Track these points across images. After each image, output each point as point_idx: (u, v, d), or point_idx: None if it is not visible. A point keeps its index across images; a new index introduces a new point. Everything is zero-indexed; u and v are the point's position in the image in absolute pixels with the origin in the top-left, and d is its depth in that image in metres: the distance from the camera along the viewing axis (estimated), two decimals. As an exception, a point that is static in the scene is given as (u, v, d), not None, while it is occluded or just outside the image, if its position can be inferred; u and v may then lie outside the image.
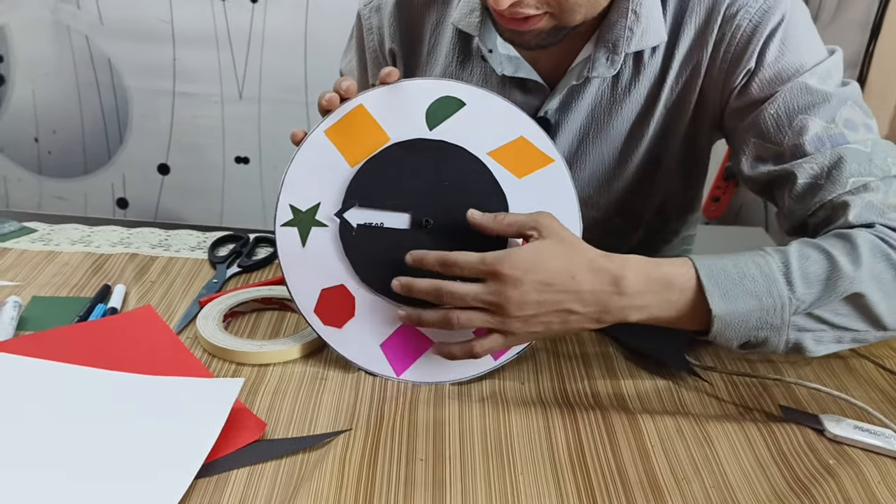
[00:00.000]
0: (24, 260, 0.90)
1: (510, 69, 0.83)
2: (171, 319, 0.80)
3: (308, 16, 1.86)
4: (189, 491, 0.57)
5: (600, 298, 0.65)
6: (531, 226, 0.67)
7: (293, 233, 0.73)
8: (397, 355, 0.73)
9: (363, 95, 0.72)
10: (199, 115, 1.97)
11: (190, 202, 2.07)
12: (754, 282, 0.66)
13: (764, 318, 0.66)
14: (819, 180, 0.75)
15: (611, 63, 0.80)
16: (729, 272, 0.66)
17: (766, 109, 0.78)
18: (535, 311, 0.65)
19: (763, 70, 0.78)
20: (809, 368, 0.77)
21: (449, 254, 0.67)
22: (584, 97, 0.84)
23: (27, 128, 2.01)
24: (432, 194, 0.72)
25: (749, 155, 0.80)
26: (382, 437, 0.64)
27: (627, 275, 0.65)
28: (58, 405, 0.63)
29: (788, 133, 0.77)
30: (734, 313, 0.66)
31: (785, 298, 0.66)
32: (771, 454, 0.64)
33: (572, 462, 0.62)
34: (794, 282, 0.66)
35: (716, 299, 0.65)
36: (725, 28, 0.79)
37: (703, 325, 0.68)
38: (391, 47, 0.92)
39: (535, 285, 0.64)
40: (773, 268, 0.67)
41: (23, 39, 1.92)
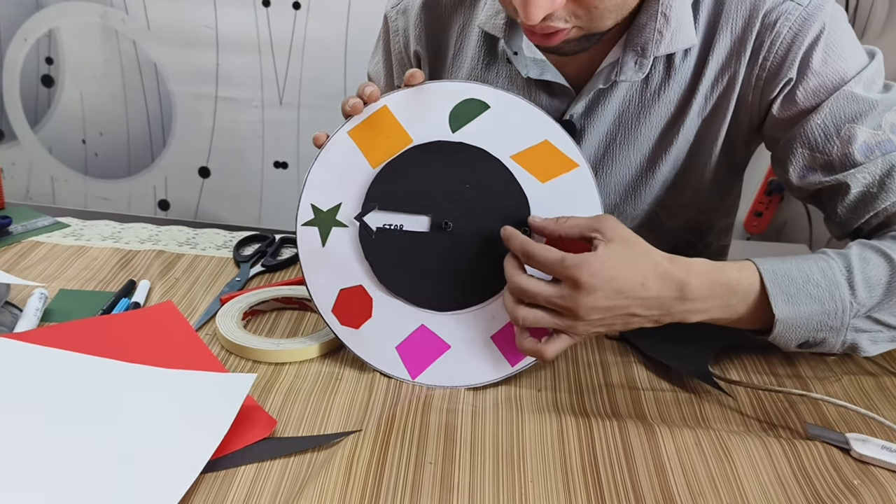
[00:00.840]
0: (55, 254, 0.92)
1: (536, 72, 0.82)
2: (193, 316, 0.81)
3: (349, 23, 1.88)
4: (195, 485, 0.57)
5: (664, 304, 0.65)
6: (594, 227, 0.66)
7: (314, 232, 0.73)
8: (413, 358, 0.73)
9: (387, 97, 0.72)
10: (240, 119, 2.00)
11: (229, 205, 2.09)
12: (818, 286, 0.67)
13: (825, 321, 0.67)
14: (871, 189, 0.75)
15: (639, 67, 0.79)
16: (793, 276, 0.67)
17: (812, 119, 0.77)
18: (602, 315, 0.65)
19: (807, 79, 0.77)
20: (839, 385, 0.74)
21: (534, 245, 0.66)
22: (612, 101, 0.83)
23: (75, 129, 2.06)
24: (453, 197, 0.72)
25: (796, 165, 0.79)
26: (392, 439, 0.63)
27: (692, 281, 0.65)
28: (70, 394, 0.64)
29: (836, 143, 0.76)
30: (797, 317, 0.67)
31: (847, 302, 0.67)
32: (792, 471, 0.61)
33: (585, 473, 0.61)
34: (856, 286, 0.67)
35: (780, 303, 0.66)
36: (764, 36, 0.77)
37: (763, 326, 0.69)
38: (416, 49, 0.92)
39: (608, 293, 0.63)
40: (835, 272, 0.67)
41: (73, 43, 1.97)
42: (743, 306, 0.67)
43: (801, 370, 0.77)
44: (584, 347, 0.79)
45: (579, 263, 0.63)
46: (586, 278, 0.63)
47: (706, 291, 0.66)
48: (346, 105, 0.71)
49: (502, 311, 0.72)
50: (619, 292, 0.64)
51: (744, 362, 0.77)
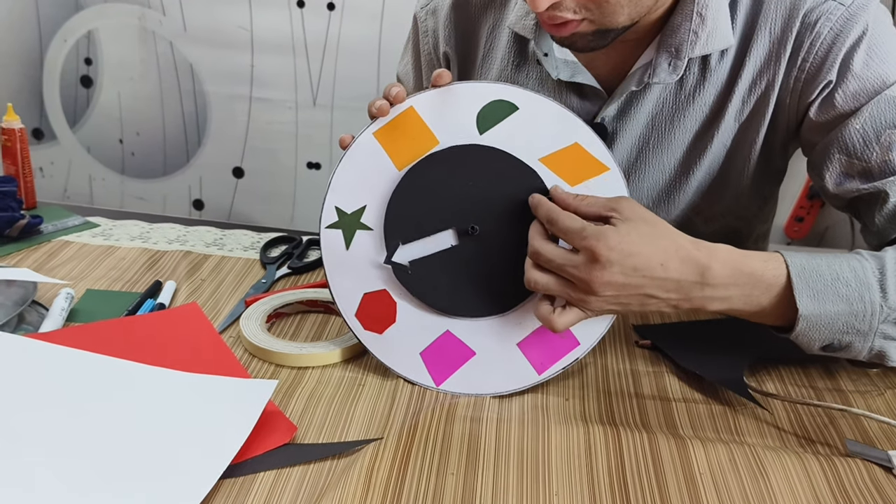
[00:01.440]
0: (84, 253, 0.92)
1: (566, 73, 0.80)
2: (217, 317, 0.80)
3: (383, 24, 1.87)
4: (213, 491, 0.56)
5: (683, 287, 0.64)
6: (612, 207, 0.65)
7: (338, 235, 0.72)
8: (438, 365, 0.71)
9: (414, 98, 0.71)
10: (274, 120, 2.00)
11: (262, 205, 2.10)
12: (847, 285, 0.64)
13: (851, 323, 0.64)
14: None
15: (673, 69, 0.76)
16: (822, 272, 0.64)
17: (850, 124, 0.73)
18: (617, 292, 0.63)
19: (847, 82, 0.74)
20: (881, 400, 0.71)
21: (557, 211, 0.65)
22: (645, 104, 0.81)
23: (112, 129, 2.08)
24: (480, 200, 0.70)
25: (833, 171, 0.76)
26: (414, 447, 0.62)
27: (714, 266, 0.63)
28: (91, 395, 0.64)
29: (876, 149, 0.72)
30: (822, 315, 0.64)
31: (877, 305, 0.63)
32: (832, 491, 0.59)
33: (612, 487, 0.59)
34: (889, 289, 0.64)
35: (805, 299, 0.63)
36: (804, 36, 0.74)
37: (786, 322, 0.66)
38: (445, 50, 0.90)
39: (625, 269, 0.62)
40: (867, 273, 0.64)
41: (111, 44, 1.99)
42: (766, 298, 0.65)
43: (841, 383, 0.73)
44: (614, 356, 0.77)
45: (598, 235, 0.62)
46: (604, 251, 0.61)
47: (728, 279, 0.64)
48: (372, 107, 0.70)
49: (529, 318, 0.71)
50: (636, 270, 0.62)
51: (781, 374, 0.75)
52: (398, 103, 0.70)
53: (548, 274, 0.65)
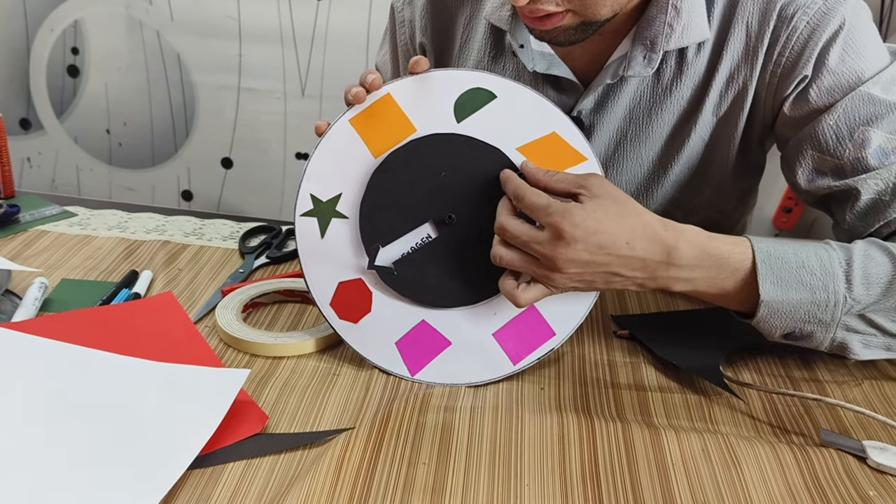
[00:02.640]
0: (60, 243, 0.91)
1: (542, 66, 0.79)
2: (194, 307, 0.80)
3: (371, 14, 1.86)
4: (181, 481, 0.56)
5: (649, 266, 0.63)
6: (581, 184, 0.64)
7: (313, 223, 0.71)
8: (413, 354, 0.71)
9: (391, 85, 0.70)
10: (262, 111, 1.99)
11: (251, 196, 2.09)
12: (811, 274, 0.63)
13: (814, 313, 0.64)
14: (884, 196, 0.71)
15: (648, 62, 0.76)
16: (788, 259, 0.64)
17: (824, 120, 0.73)
18: (581, 269, 0.63)
19: (822, 77, 0.73)
20: (858, 390, 0.71)
21: (524, 187, 0.65)
22: (622, 97, 0.80)
23: (100, 119, 2.07)
24: (457, 189, 0.69)
25: (805, 167, 0.76)
26: (387, 437, 0.61)
27: (681, 246, 0.63)
28: (59, 385, 0.63)
29: (849, 146, 0.72)
30: (784, 302, 0.63)
31: (840, 296, 0.63)
32: (804, 480, 0.58)
33: (584, 477, 0.58)
34: (854, 281, 0.63)
35: (768, 285, 0.63)
36: (780, 31, 0.74)
37: (749, 308, 0.66)
38: (422, 41, 0.89)
39: (590, 247, 0.62)
40: (834, 263, 0.64)
41: (98, 34, 1.98)
42: (730, 282, 0.65)
43: (818, 373, 0.73)
44: (592, 345, 0.76)
45: (563, 211, 0.62)
46: (568, 228, 0.61)
47: (694, 260, 0.64)
48: (348, 94, 0.69)
49: (505, 309, 0.70)
50: (601, 247, 0.62)
51: (758, 364, 0.74)
52: (374, 90, 0.69)
53: (513, 250, 0.65)
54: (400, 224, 0.70)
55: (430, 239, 0.70)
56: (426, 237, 0.70)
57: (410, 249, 0.70)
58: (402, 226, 0.70)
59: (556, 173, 0.66)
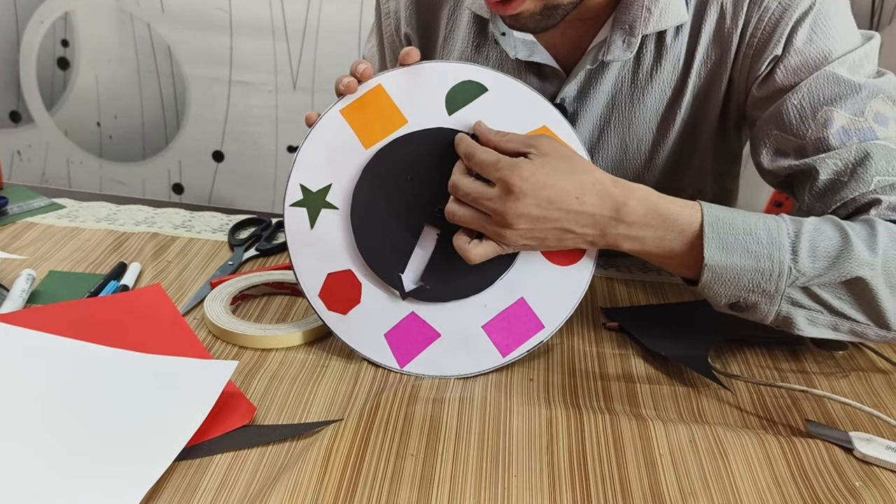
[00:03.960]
0: (49, 235, 0.91)
1: (524, 53, 0.80)
2: (182, 299, 0.79)
3: (363, 7, 1.85)
4: (168, 473, 0.56)
5: (598, 222, 0.64)
6: (530, 143, 0.65)
7: (302, 213, 0.71)
8: (402, 346, 0.70)
9: (382, 76, 0.70)
10: (254, 104, 1.98)
11: (243, 189, 2.08)
12: (758, 241, 0.63)
13: (757, 281, 0.64)
14: (842, 177, 0.70)
15: (627, 46, 0.76)
16: (736, 226, 0.64)
17: (789, 99, 0.72)
18: (532, 225, 0.63)
19: (789, 57, 0.73)
20: (846, 382, 0.71)
21: (474, 145, 0.66)
22: (604, 83, 0.80)
23: (90, 112, 2.06)
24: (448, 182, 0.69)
25: (769, 147, 0.75)
26: (375, 429, 0.61)
27: (630, 203, 0.64)
28: (46, 377, 0.63)
29: (812, 125, 0.71)
30: (727, 267, 0.63)
31: (785, 266, 0.63)
32: (791, 471, 0.59)
33: (572, 468, 0.58)
34: (800, 252, 0.63)
35: (712, 249, 0.63)
36: (752, 11, 0.74)
37: (694, 274, 0.66)
38: (406, 31, 0.89)
39: (539, 201, 0.62)
40: (782, 233, 0.64)
41: (88, 26, 1.97)
42: (678, 244, 0.65)
43: (806, 365, 0.73)
44: (581, 337, 0.76)
45: (512, 166, 0.62)
46: (517, 181, 0.62)
47: (643, 218, 0.64)
48: (339, 84, 0.69)
49: (495, 301, 0.70)
50: (550, 202, 0.62)
51: (746, 356, 0.74)
52: (366, 80, 0.69)
53: (465, 207, 0.65)
54: (390, 215, 0.70)
55: (434, 237, 0.70)
56: (435, 239, 0.70)
57: (428, 258, 0.70)
58: (391, 217, 0.70)
59: (506, 133, 0.67)
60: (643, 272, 0.90)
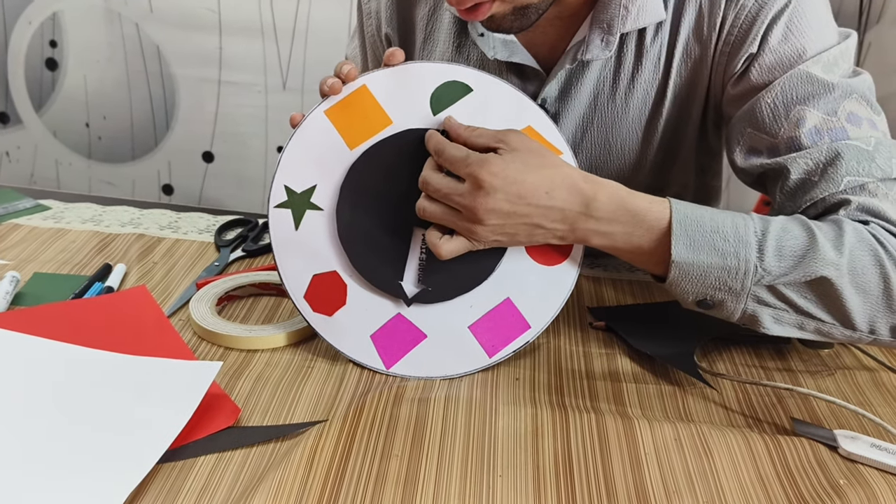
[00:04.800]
0: (34, 236, 0.90)
1: (504, 54, 0.79)
2: (168, 301, 0.79)
3: (352, 7, 1.85)
4: (151, 475, 0.55)
5: (568, 217, 0.64)
6: (500, 139, 0.65)
7: (287, 215, 0.70)
8: (388, 347, 0.70)
9: (367, 76, 0.69)
10: (244, 104, 1.98)
11: (233, 190, 2.08)
12: (725, 239, 0.63)
13: (724, 279, 0.64)
14: (812, 177, 0.70)
15: (606, 44, 0.76)
16: (703, 223, 0.64)
17: (762, 98, 0.72)
18: (502, 220, 0.64)
19: (763, 55, 0.73)
20: (831, 380, 0.71)
21: (443, 142, 0.66)
22: (585, 83, 0.80)
23: (79, 113, 2.05)
24: None
25: (743, 145, 0.75)
26: (360, 430, 0.61)
27: (600, 198, 0.64)
28: (29, 379, 0.62)
29: (784, 124, 0.71)
30: (694, 265, 0.64)
31: (751, 264, 0.63)
32: (775, 469, 0.59)
33: (557, 468, 0.58)
34: (766, 250, 0.63)
35: (680, 246, 0.64)
36: (729, 9, 0.74)
37: (662, 270, 0.66)
38: (387, 32, 0.89)
39: (509, 196, 0.62)
40: (748, 231, 0.64)
41: (76, 26, 1.96)
42: (646, 240, 0.65)
43: (792, 364, 0.74)
44: (568, 337, 0.76)
45: (482, 161, 0.62)
46: (486, 177, 0.62)
47: (611, 214, 0.64)
48: (323, 85, 0.69)
49: (481, 301, 0.70)
50: (520, 197, 0.62)
51: (732, 355, 0.75)
52: (350, 81, 0.69)
53: (436, 203, 0.65)
54: (376, 217, 0.69)
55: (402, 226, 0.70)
56: (422, 240, 0.70)
57: (422, 261, 0.70)
58: (377, 218, 0.69)
59: (476, 128, 0.67)
60: (630, 272, 0.90)
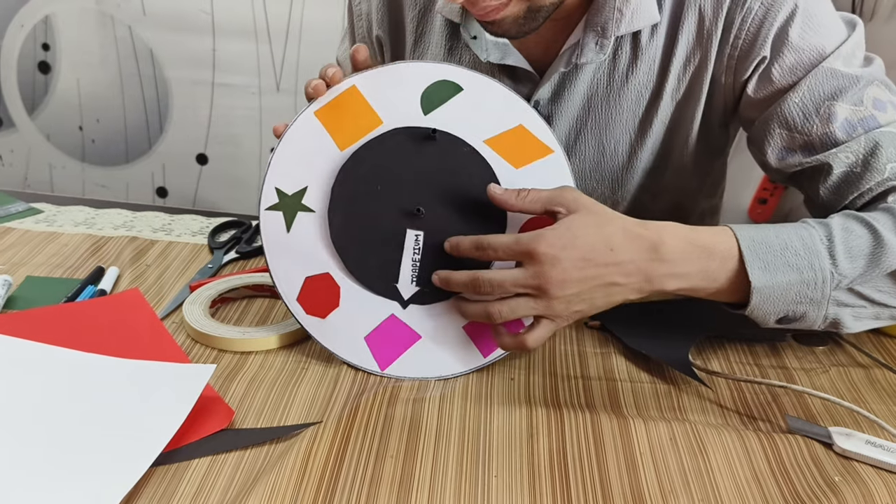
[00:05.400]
0: (26, 240, 0.90)
1: (496, 56, 0.79)
2: (161, 303, 0.79)
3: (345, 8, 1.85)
4: (144, 478, 0.55)
5: (641, 267, 0.63)
6: (557, 202, 0.63)
7: (278, 217, 0.70)
8: (382, 349, 0.70)
9: (356, 77, 0.69)
10: (237, 106, 1.98)
11: (227, 192, 2.07)
12: (796, 254, 0.63)
13: (804, 293, 0.64)
14: (855, 168, 0.71)
15: (600, 48, 0.75)
16: (771, 243, 0.64)
17: (790, 98, 0.73)
18: (577, 288, 0.62)
19: (784, 56, 0.73)
20: (826, 377, 0.71)
21: (483, 237, 0.64)
22: (578, 85, 0.80)
23: (72, 116, 2.05)
24: (425, 181, 0.69)
25: (774, 146, 0.76)
26: (354, 431, 0.61)
27: (666, 240, 0.63)
28: (22, 383, 0.62)
29: (816, 122, 0.72)
30: (774, 286, 0.63)
31: (827, 272, 0.63)
32: (770, 467, 0.59)
33: (552, 468, 0.58)
34: (837, 256, 0.64)
35: (756, 271, 0.63)
36: (735, 13, 0.74)
37: (742, 298, 0.65)
38: (378, 34, 0.89)
39: (574, 262, 0.61)
40: (815, 240, 0.64)
41: (69, 29, 1.95)
42: (722, 273, 0.64)
43: (786, 361, 0.73)
44: (563, 337, 0.76)
45: (535, 237, 0.61)
46: (544, 249, 0.61)
47: (682, 253, 0.63)
48: (308, 87, 0.69)
49: None
50: (586, 260, 0.61)
51: (727, 352, 0.74)
52: (335, 84, 0.69)
53: (506, 300, 0.63)
54: (368, 218, 0.69)
55: (419, 239, 0.69)
56: (417, 241, 0.69)
57: (416, 261, 0.69)
58: (370, 219, 0.69)
59: (528, 191, 0.65)
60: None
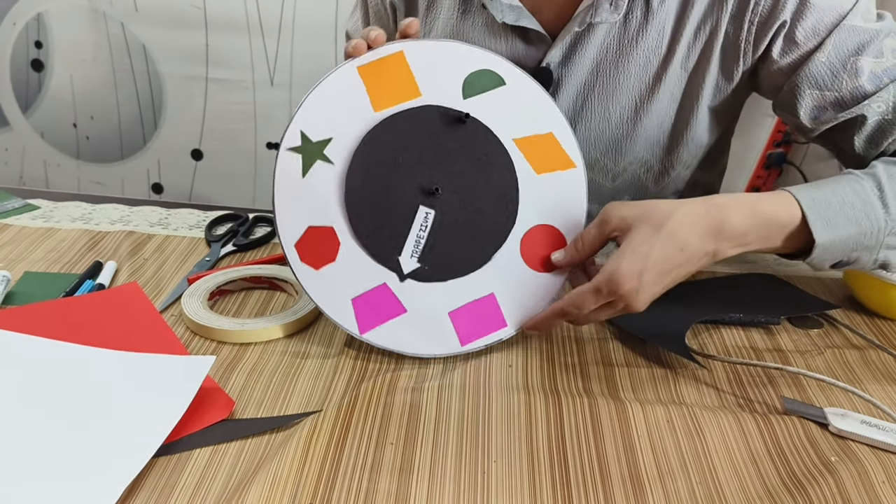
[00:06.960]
0: (23, 236, 0.90)
1: (511, 17, 0.80)
2: (160, 297, 0.79)
3: (338, 1, 1.84)
4: (146, 469, 0.55)
5: (709, 251, 0.66)
6: (609, 229, 0.67)
7: (296, 160, 0.69)
8: (366, 314, 0.69)
9: (406, 42, 0.69)
10: (231, 101, 1.97)
11: (223, 187, 2.07)
12: (854, 208, 0.67)
13: (861, 242, 0.68)
14: (887, 116, 0.75)
15: (615, 7, 0.77)
16: (829, 201, 0.67)
17: (816, 59, 0.75)
18: (661, 289, 0.66)
19: (805, 18, 0.75)
20: (821, 359, 0.72)
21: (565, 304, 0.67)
22: (589, 48, 0.81)
23: (66, 113, 2.04)
24: (446, 163, 0.69)
25: (806, 107, 0.78)
26: (354, 419, 0.61)
27: (730, 218, 0.66)
28: (23, 377, 0.62)
29: (845, 77, 0.75)
30: (835, 240, 0.67)
31: (881, 221, 0.67)
32: (766, 448, 0.59)
33: (551, 453, 0.59)
34: (889, 203, 0.68)
35: (819, 229, 0.66)
36: None
37: (799, 250, 0.69)
38: (393, 0, 0.90)
39: (654, 278, 0.64)
40: (868, 192, 0.68)
41: (61, 26, 1.95)
42: (780, 237, 0.67)
43: (782, 343, 0.74)
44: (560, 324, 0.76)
45: (612, 279, 0.64)
46: (628, 287, 0.63)
47: (746, 228, 0.66)
48: (348, 47, 0.69)
49: (467, 290, 0.70)
50: (663, 273, 0.64)
51: (722, 335, 0.75)
52: (377, 46, 0.69)
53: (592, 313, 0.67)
54: (384, 185, 0.69)
55: (429, 218, 0.69)
56: (427, 219, 0.69)
57: (425, 238, 0.69)
58: (385, 187, 0.69)
59: (580, 240, 0.69)
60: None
